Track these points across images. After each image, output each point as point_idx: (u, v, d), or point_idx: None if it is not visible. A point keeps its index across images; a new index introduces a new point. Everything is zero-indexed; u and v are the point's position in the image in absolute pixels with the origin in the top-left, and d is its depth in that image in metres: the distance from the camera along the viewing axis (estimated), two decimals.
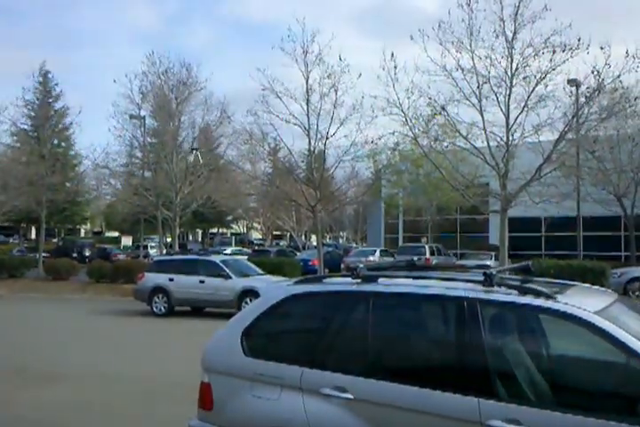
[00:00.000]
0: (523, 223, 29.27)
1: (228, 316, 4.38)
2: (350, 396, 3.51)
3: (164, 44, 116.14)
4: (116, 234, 66.43)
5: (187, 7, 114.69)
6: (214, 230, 64.83)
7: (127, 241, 58.01)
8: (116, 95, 25.57)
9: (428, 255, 28.03)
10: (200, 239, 62.12)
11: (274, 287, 4.52)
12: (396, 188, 33.06)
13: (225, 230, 66.53)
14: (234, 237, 54.85)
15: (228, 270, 15.60)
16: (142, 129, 26.90)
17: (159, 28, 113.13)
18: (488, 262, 24.83)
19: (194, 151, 24.14)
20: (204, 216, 42.41)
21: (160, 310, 16.06)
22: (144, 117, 26.59)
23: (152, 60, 24.79)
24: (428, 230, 35.28)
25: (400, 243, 36.56)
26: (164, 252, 27.59)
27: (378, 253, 28.88)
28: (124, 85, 25.09)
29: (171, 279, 16.07)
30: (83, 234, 70.74)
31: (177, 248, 27.35)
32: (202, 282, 15.68)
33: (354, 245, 57.73)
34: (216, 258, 17.06)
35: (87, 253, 37.15)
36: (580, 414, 3.01)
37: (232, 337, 4.07)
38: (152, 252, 35.95)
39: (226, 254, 27.84)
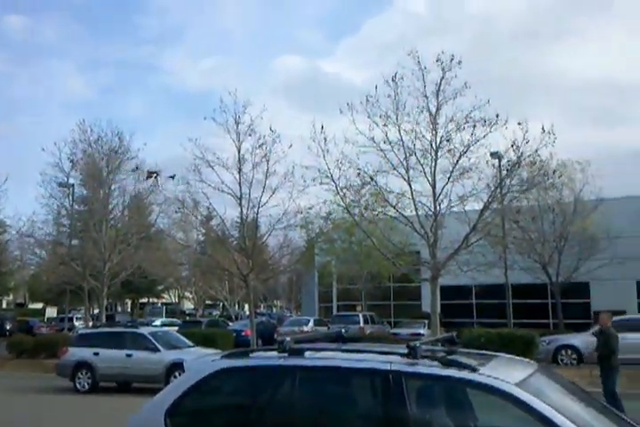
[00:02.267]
0: (454, 291, 29.86)
1: (156, 391, 4.20)
2: None
3: (97, 113, 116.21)
4: (40, 305, 63.29)
5: (121, 78, 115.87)
6: (144, 300, 62.76)
7: (52, 313, 55.20)
8: (45, 164, 25.08)
9: (362, 324, 28.01)
10: (129, 310, 59.89)
11: (198, 362, 4.38)
12: (329, 256, 33.21)
13: (156, 300, 64.48)
14: (165, 308, 53.13)
15: (156, 343, 15.05)
16: (71, 197, 26.37)
17: (92, 97, 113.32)
18: (421, 331, 25.02)
19: (154, 175, 23.18)
20: (133, 286, 41.13)
21: (83, 386, 15.26)
22: (73, 185, 26.14)
23: (83, 128, 24.70)
24: (362, 299, 35.34)
25: (334, 311, 36.40)
26: (90, 324, 26.46)
27: (312, 323, 28.62)
28: (52, 154, 24.74)
29: (96, 354, 15.36)
30: (4, 306, 67.03)
31: (104, 320, 26.30)
32: (129, 356, 15.04)
33: (288, 314, 57.03)
34: (144, 330, 16.47)
35: (8, 327, 35.32)
36: None
37: (154, 417, 3.89)
38: (77, 324, 34.42)
39: (155, 326, 26.92)
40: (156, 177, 22.11)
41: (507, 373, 3.42)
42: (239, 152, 19.45)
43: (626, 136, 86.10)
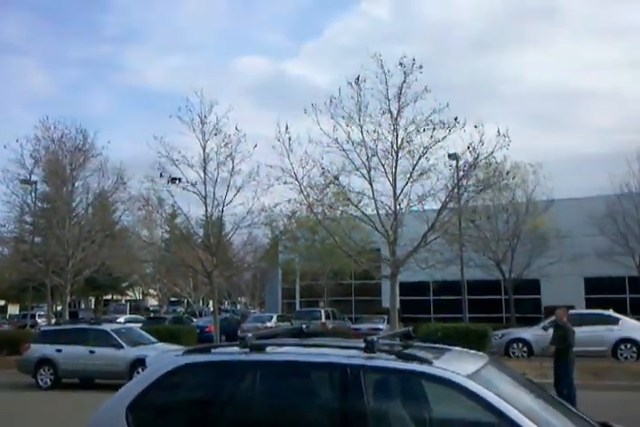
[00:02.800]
0: (412, 288, 30.18)
1: (119, 387, 4.14)
2: None
3: (61, 110, 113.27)
4: (1, 302, 61.80)
5: (84, 76, 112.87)
6: (108, 297, 61.76)
7: (14, 310, 53.98)
8: (7, 160, 24.44)
9: (323, 320, 28.18)
10: (93, 307, 58.85)
11: (160, 358, 4.35)
12: (293, 253, 33.22)
13: (120, 297, 63.55)
14: (129, 304, 52.38)
15: (119, 340, 14.85)
16: (33, 194, 25.79)
17: (55, 95, 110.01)
18: (380, 326, 25.22)
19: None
20: (97, 283, 40.43)
21: (46, 382, 14.97)
22: (35, 182, 25.57)
23: (46, 125, 24.15)
24: (324, 295, 35.46)
25: (297, 307, 36.44)
26: (53, 321, 25.93)
27: (275, 319, 28.64)
28: (14, 151, 24.10)
29: (58, 350, 15.09)
30: None
31: (67, 317, 25.80)
32: (92, 352, 14.81)
33: (252, 310, 56.82)
34: (107, 327, 16.24)
35: None
36: None
37: (116, 412, 3.84)
38: (40, 321, 33.66)
39: (119, 323, 26.51)
40: (179, 183, 21.43)
41: (459, 365, 3.48)
42: (204, 151, 19.32)
43: (576, 140, 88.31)
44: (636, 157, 27.16)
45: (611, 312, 18.96)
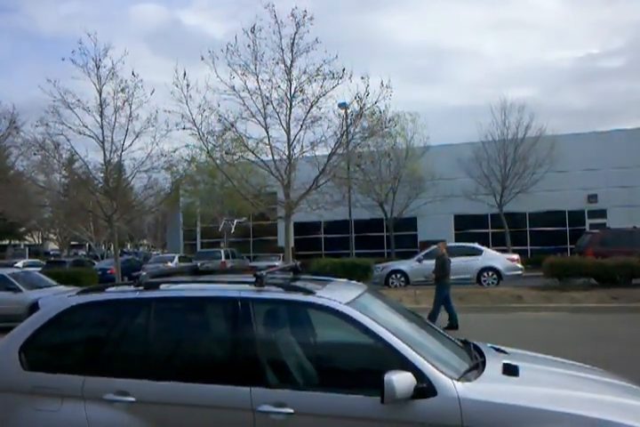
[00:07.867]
0: (305, 227, 30.69)
1: None
2: (133, 399, 3.35)
3: None
4: None
5: None
6: (6, 242, 58.02)
7: None
8: None
9: (223, 259, 28.11)
10: None
11: (54, 299, 4.15)
12: (193, 197, 32.58)
13: (18, 242, 59.93)
14: (28, 249, 49.50)
15: (17, 284, 13.98)
16: None
17: None
18: (276, 263, 25.58)
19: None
20: None
21: None
22: None
23: None
24: (224, 236, 35.29)
25: (198, 248, 36.11)
26: None
27: (176, 260, 28.23)
28: None
29: None
30: None
31: None
32: None
33: (155, 252, 55.62)
34: (4, 271, 15.26)
35: None
36: (339, 391, 3.16)
37: (9, 352, 3.67)
38: None
39: (17, 267, 25.05)
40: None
41: (339, 294, 3.57)
42: (100, 95, 18.12)
43: (449, 93, 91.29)
44: (499, 108, 28.52)
45: (476, 245, 20.22)
